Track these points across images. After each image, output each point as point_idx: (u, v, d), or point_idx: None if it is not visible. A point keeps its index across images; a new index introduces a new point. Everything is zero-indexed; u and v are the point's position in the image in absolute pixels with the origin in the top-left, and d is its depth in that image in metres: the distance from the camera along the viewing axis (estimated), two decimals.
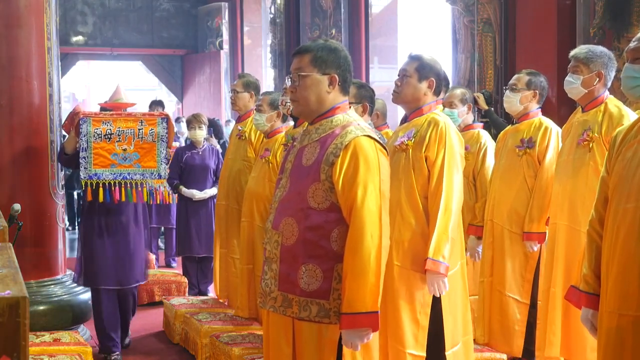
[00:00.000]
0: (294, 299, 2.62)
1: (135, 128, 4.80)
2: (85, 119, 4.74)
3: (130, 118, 4.83)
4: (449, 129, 3.49)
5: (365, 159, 2.58)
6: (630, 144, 2.51)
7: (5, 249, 2.76)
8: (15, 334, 1.78)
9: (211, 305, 5.62)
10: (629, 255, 2.38)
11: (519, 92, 4.53)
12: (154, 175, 4.87)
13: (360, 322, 2.53)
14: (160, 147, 4.85)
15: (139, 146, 4.81)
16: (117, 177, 4.79)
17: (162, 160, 4.87)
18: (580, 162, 3.94)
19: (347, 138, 2.61)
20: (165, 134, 4.87)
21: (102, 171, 4.77)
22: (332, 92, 2.71)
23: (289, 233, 2.65)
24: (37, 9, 5.20)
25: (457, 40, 6.72)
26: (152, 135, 4.83)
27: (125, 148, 4.78)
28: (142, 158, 4.82)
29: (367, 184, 2.56)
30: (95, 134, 4.73)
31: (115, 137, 4.77)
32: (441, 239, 3.35)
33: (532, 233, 4.40)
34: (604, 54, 3.97)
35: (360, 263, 2.51)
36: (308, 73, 2.70)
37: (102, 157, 4.76)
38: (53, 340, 4.46)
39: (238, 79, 5.81)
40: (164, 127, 4.87)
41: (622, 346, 2.39)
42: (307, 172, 2.65)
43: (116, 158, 4.79)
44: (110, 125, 4.77)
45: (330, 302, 2.59)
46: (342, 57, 2.72)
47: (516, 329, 4.48)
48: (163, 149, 4.86)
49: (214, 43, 13.85)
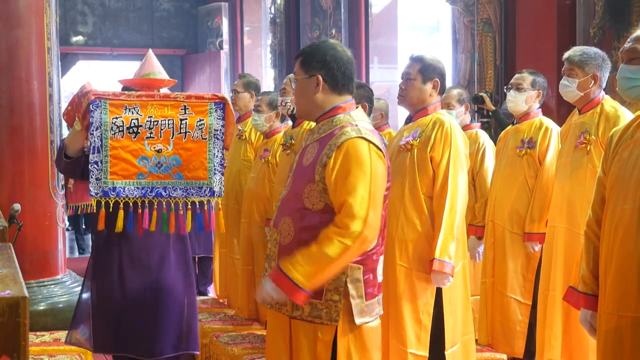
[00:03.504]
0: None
1: (176, 117, 3.13)
2: (98, 103, 3.12)
3: (167, 102, 3.16)
4: (455, 130, 3.49)
5: (357, 161, 2.55)
6: (626, 144, 2.51)
7: (5, 249, 2.76)
8: (15, 334, 1.78)
9: (211, 305, 5.63)
10: (627, 256, 2.38)
11: (525, 92, 4.52)
12: (203, 191, 3.17)
13: (286, 285, 2.51)
14: (214, 148, 3.17)
15: (182, 146, 3.15)
16: (146, 193, 3.14)
17: (216, 167, 3.18)
18: (578, 164, 3.93)
19: (341, 139, 2.58)
20: (222, 128, 3.19)
21: (124, 184, 3.13)
22: (319, 94, 2.68)
23: (286, 232, 2.66)
24: (37, 9, 5.20)
25: (457, 40, 6.71)
26: (202, 128, 3.16)
27: (160, 149, 3.13)
28: (185, 164, 3.16)
29: (357, 186, 2.53)
30: (114, 127, 3.11)
31: (144, 130, 3.13)
32: (447, 239, 3.36)
33: (533, 234, 4.39)
34: (598, 55, 3.97)
35: (323, 252, 2.48)
36: (298, 77, 2.71)
37: (124, 163, 3.13)
38: (53, 340, 4.46)
39: (239, 79, 5.81)
40: (220, 116, 3.18)
41: (621, 347, 2.39)
42: (304, 173, 2.66)
43: (146, 164, 3.14)
44: (137, 112, 3.13)
45: (322, 302, 2.59)
46: (330, 55, 2.67)
47: (518, 330, 4.47)
48: (218, 151, 3.18)
49: (214, 43, 13.84)
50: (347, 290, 2.58)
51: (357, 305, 2.60)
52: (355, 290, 2.60)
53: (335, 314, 2.58)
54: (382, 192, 2.62)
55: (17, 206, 3.52)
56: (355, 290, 2.60)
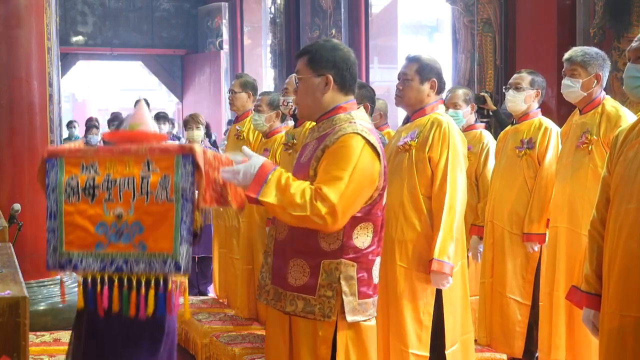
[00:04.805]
0: (283, 293, 2.63)
1: (137, 176, 2.57)
2: (53, 161, 2.64)
3: (128, 157, 2.59)
4: (452, 129, 3.49)
5: (344, 152, 2.54)
6: (631, 144, 2.51)
7: (5, 249, 2.76)
8: (15, 334, 1.79)
9: (211, 305, 5.63)
10: (631, 256, 2.38)
11: (524, 92, 4.51)
12: (168, 266, 2.53)
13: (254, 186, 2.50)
14: (182, 212, 2.52)
15: (144, 210, 2.56)
16: (106, 266, 2.57)
17: (184, 236, 2.53)
18: (580, 164, 3.93)
19: (337, 135, 2.58)
20: (191, 187, 2.54)
21: (80, 255, 2.60)
22: (328, 93, 2.67)
23: (281, 227, 2.66)
24: (37, 9, 5.20)
25: (457, 40, 6.72)
26: (166, 188, 2.54)
27: (120, 213, 2.57)
28: (149, 232, 2.55)
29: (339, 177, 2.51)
30: (67, 188, 2.61)
31: (102, 192, 2.58)
32: (446, 239, 3.36)
33: (532, 234, 4.39)
34: (599, 55, 3.96)
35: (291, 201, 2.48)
36: (304, 76, 2.69)
37: (80, 231, 2.61)
38: (53, 340, 4.46)
39: (236, 79, 5.80)
40: (189, 171, 2.53)
41: (624, 347, 2.39)
42: (301, 169, 2.66)
43: (105, 231, 2.58)
44: (94, 170, 2.60)
45: (316, 298, 2.58)
46: (338, 56, 2.68)
47: (517, 330, 4.47)
48: (187, 216, 2.53)
49: (214, 43, 13.85)
50: (340, 287, 2.58)
51: (350, 302, 2.59)
52: (348, 287, 2.59)
53: (328, 310, 2.57)
54: (361, 190, 2.58)
55: (17, 206, 3.52)
56: (348, 288, 2.59)
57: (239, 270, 5.30)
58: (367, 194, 2.60)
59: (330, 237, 2.58)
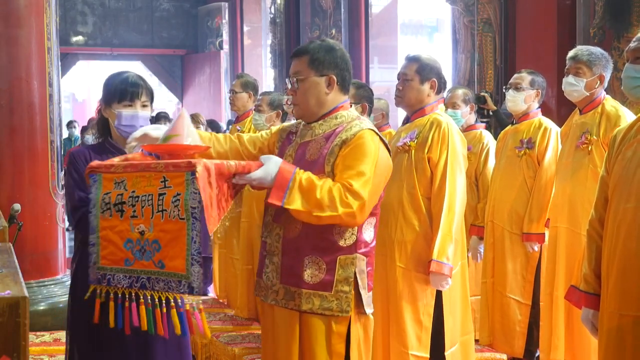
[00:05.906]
0: (297, 292, 2.62)
1: (155, 192, 2.44)
2: (95, 177, 2.58)
3: (149, 173, 2.47)
4: (452, 130, 3.48)
5: (365, 148, 2.58)
6: (630, 144, 2.51)
7: (5, 249, 2.76)
8: (15, 334, 1.79)
9: (211, 305, 5.63)
10: (630, 256, 2.38)
11: (524, 91, 4.51)
12: (182, 286, 2.38)
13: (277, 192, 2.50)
14: (192, 231, 2.37)
15: (161, 227, 2.43)
16: (133, 283, 2.48)
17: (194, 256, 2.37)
18: (580, 165, 3.93)
19: (352, 131, 2.62)
20: (199, 205, 2.36)
21: (113, 271, 2.53)
22: (331, 93, 2.70)
23: (291, 225, 2.65)
24: (37, 9, 5.20)
25: (457, 40, 6.72)
26: (177, 206, 2.39)
27: (142, 230, 2.46)
28: (166, 250, 2.42)
29: (364, 172, 2.54)
30: (102, 204, 2.54)
31: (129, 208, 2.49)
32: (445, 240, 3.35)
33: (532, 234, 4.39)
34: (603, 55, 3.96)
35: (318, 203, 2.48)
36: (306, 76, 2.70)
37: (112, 246, 2.53)
38: (53, 340, 4.46)
39: (236, 79, 5.80)
40: (196, 189, 2.36)
41: (623, 346, 2.39)
42: (311, 166, 2.64)
43: (132, 248, 2.49)
44: (123, 186, 2.51)
45: (332, 293, 2.60)
46: (339, 56, 2.71)
47: (517, 330, 4.48)
48: (197, 235, 2.39)
49: (214, 43, 13.85)
50: (357, 281, 2.61)
51: (366, 296, 2.64)
52: (362, 281, 2.63)
53: (346, 305, 2.60)
54: (383, 182, 2.66)
55: (17, 206, 3.51)
56: (361, 281, 2.63)
57: (238, 270, 5.30)
58: (383, 188, 2.68)
59: (346, 233, 2.61)
